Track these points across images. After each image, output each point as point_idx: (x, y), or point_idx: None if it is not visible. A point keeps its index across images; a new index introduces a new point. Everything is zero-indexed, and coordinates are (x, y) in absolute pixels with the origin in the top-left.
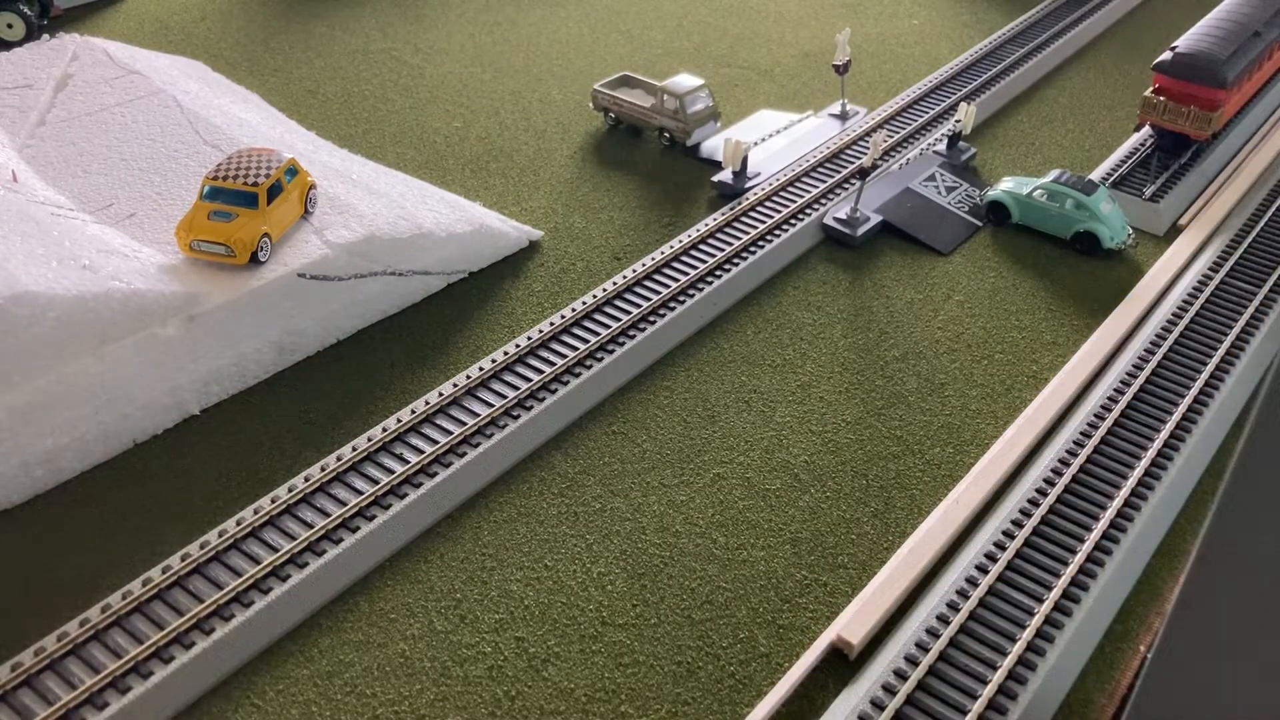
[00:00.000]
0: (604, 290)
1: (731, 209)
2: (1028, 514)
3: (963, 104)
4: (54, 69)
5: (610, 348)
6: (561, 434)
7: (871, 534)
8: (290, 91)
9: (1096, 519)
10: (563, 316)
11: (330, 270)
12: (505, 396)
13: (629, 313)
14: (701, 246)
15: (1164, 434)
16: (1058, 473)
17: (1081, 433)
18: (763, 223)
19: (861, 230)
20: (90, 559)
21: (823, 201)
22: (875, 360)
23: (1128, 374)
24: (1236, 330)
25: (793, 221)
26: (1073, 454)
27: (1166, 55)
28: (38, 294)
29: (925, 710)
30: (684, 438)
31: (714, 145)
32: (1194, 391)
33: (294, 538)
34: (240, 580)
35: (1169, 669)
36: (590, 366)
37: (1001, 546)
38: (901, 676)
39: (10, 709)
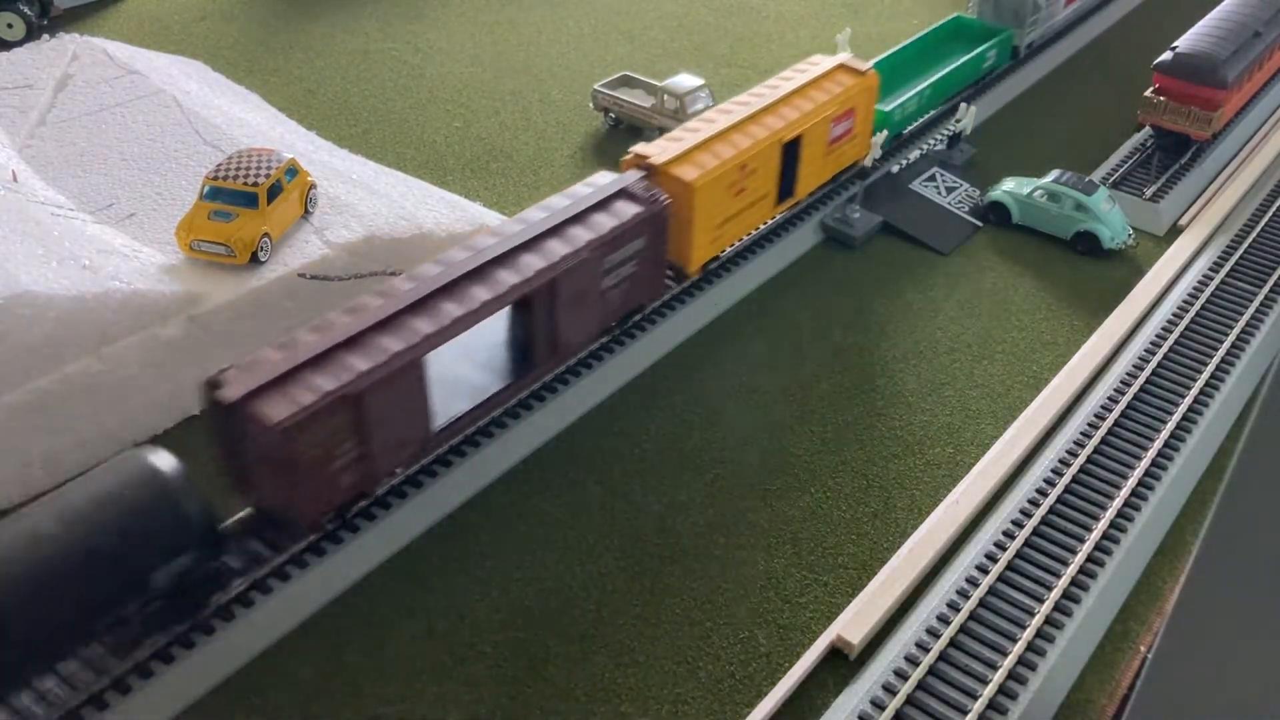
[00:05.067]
0: None
1: None
2: (1028, 514)
3: (963, 104)
4: (54, 69)
5: (611, 347)
6: (561, 434)
7: (871, 534)
8: (290, 91)
9: (1096, 519)
10: None
11: (330, 270)
12: None
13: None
14: None
15: (1164, 434)
16: (1058, 473)
17: (1081, 433)
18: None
19: (861, 230)
20: None
21: (823, 202)
22: (875, 360)
23: (1128, 374)
24: (1236, 330)
25: (793, 222)
26: (1073, 454)
27: (1167, 55)
28: (38, 294)
29: (925, 710)
30: (684, 438)
31: None
32: (1194, 391)
33: (294, 538)
34: (241, 580)
35: (1169, 669)
36: (591, 366)
37: (1001, 546)
38: (902, 676)
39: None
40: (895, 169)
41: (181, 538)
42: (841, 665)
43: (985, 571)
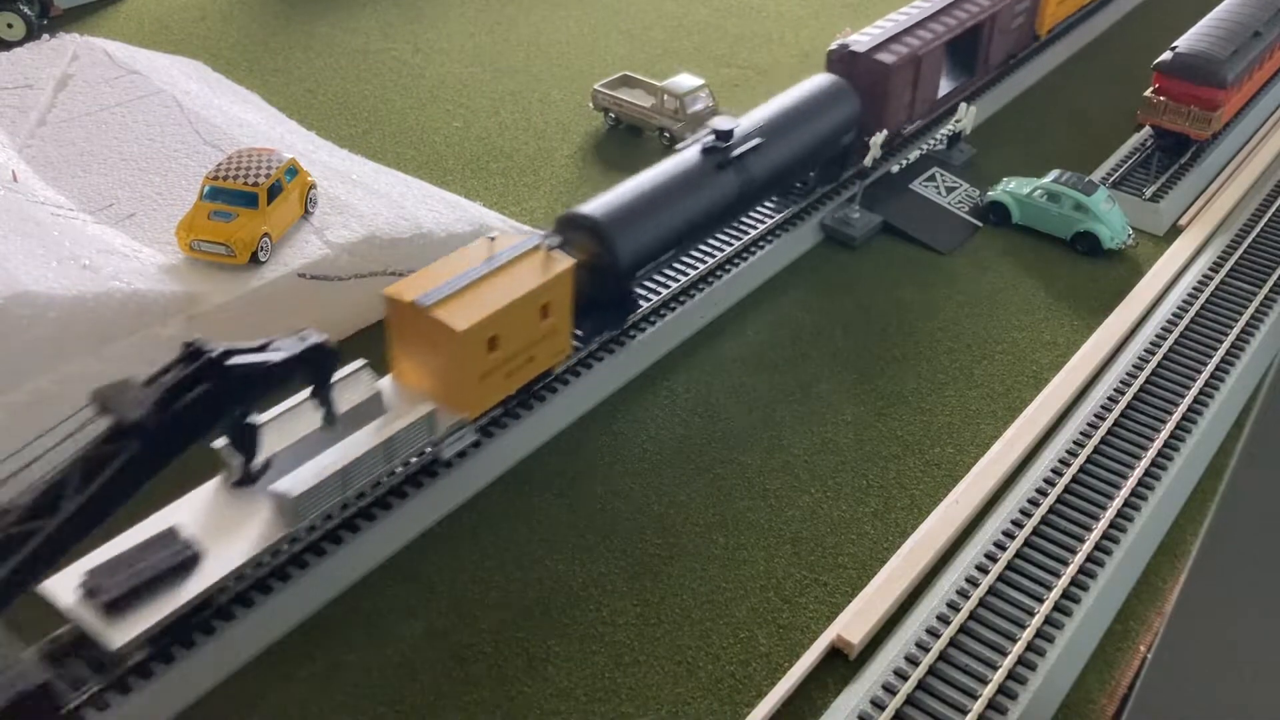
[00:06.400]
0: None
1: None
2: (1028, 514)
3: (963, 104)
4: (54, 69)
5: (611, 347)
6: (561, 434)
7: (871, 534)
8: (290, 91)
9: (1096, 519)
10: None
11: (330, 270)
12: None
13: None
14: (702, 246)
15: (1164, 434)
16: (1058, 473)
17: (1081, 433)
18: (763, 223)
19: (861, 230)
20: None
21: (823, 202)
22: (875, 360)
23: (1128, 374)
24: (1236, 330)
25: (793, 221)
26: (1073, 454)
27: (1167, 55)
28: (38, 294)
29: (925, 710)
30: (684, 438)
31: None
32: (1194, 391)
33: (295, 538)
34: (241, 580)
35: (1169, 669)
36: (590, 366)
37: (1001, 546)
38: (902, 676)
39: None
40: (895, 169)
41: (851, 118)
42: (841, 665)
43: (985, 571)
